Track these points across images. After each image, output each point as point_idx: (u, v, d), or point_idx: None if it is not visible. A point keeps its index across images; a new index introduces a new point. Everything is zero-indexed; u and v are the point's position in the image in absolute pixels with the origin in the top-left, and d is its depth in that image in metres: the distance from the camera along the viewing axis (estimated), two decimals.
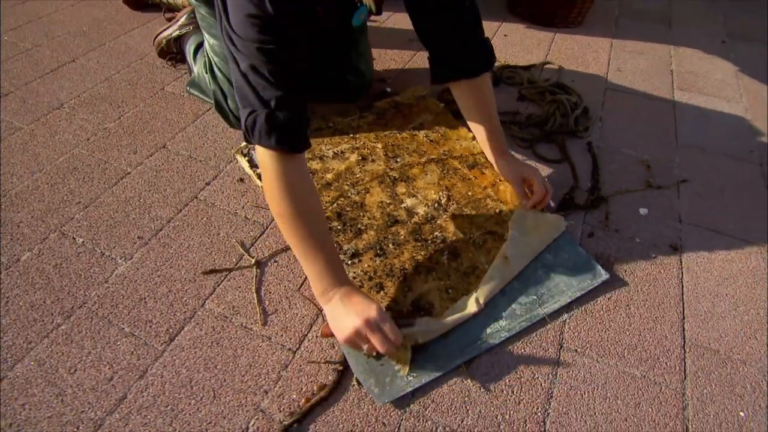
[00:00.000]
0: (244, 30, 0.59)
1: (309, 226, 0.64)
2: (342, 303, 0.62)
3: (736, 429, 0.60)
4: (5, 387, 0.63)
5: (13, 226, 0.85)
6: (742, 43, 1.53)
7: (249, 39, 0.59)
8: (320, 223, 0.67)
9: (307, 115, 0.67)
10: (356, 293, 0.63)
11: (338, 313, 0.62)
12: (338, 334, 0.62)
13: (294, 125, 0.62)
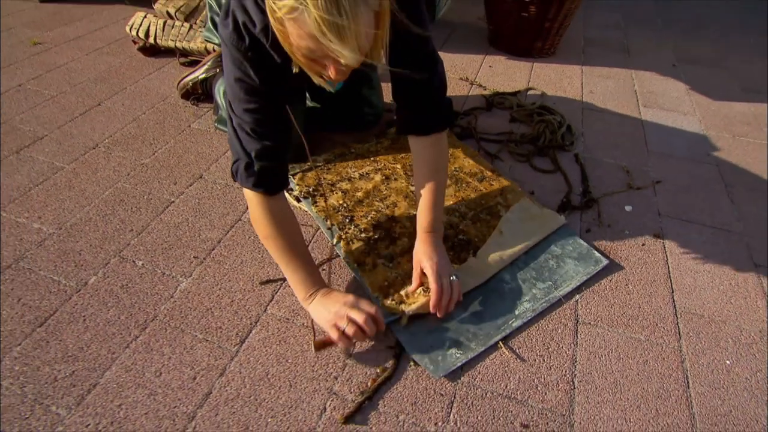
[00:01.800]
0: (234, 91, 0.74)
1: (289, 244, 0.79)
2: (322, 300, 0.76)
3: (725, 374, 0.75)
4: (97, 395, 0.71)
5: (74, 254, 0.94)
6: (689, 66, 1.80)
7: (237, 99, 0.74)
8: (298, 241, 0.81)
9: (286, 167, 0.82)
10: (333, 291, 0.77)
11: (319, 307, 0.75)
12: (321, 321, 0.75)
13: (269, 172, 0.77)
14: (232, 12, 0.72)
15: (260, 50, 0.72)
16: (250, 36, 0.71)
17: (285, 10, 0.53)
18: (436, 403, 0.70)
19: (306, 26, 0.53)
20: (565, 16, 1.63)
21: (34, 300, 0.85)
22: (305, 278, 0.78)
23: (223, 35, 0.74)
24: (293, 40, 0.58)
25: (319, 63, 0.62)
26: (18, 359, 0.76)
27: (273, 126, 0.78)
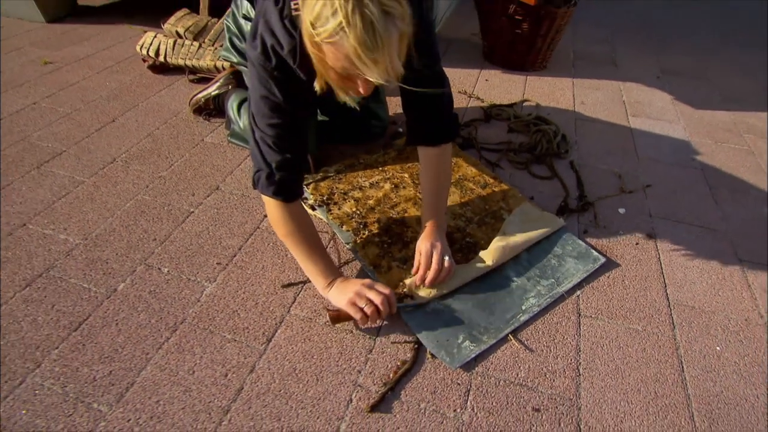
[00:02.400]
0: (258, 107, 0.82)
1: (307, 240, 0.88)
2: (340, 286, 0.84)
3: (716, 359, 0.82)
4: (135, 393, 0.76)
5: (101, 262, 0.99)
6: (672, 78, 1.92)
7: (261, 115, 0.82)
8: (314, 237, 0.90)
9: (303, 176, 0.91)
10: (349, 279, 0.86)
11: (338, 292, 0.84)
12: (341, 303, 0.82)
13: (288, 182, 0.85)
14: (260, 35, 0.79)
15: (285, 70, 0.79)
16: (277, 57, 0.78)
17: (325, 35, 0.60)
18: (453, 391, 0.76)
19: (344, 49, 0.60)
20: (556, 32, 1.74)
21: (67, 306, 0.90)
22: (323, 269, 0.86)
23: (251, 56, 0.81)
24: (329, 61, 0.65)
25: (349, 80, 0.69)
26: (57, 361, 0.80)
27: (293, 140, 0.86)
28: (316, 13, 0.60)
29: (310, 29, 0.62)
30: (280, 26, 0.77)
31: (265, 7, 0.80)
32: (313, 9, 0.60)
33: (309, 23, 0.61)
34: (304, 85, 0.81)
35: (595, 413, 0.74)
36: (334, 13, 0.58)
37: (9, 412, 0.73)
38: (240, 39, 1.13)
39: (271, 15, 0.79)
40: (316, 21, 0.60)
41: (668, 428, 0.72)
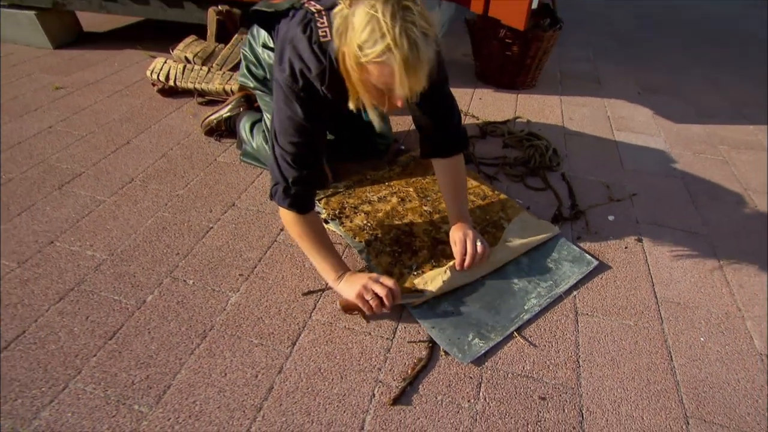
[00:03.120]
0: (283, 126, 0.92)
1: (318, 239, 0.98)
2: (349, 279, 0.95)
3: (700, 348, 0.91)
4: (172, 394, 0.83)
5: (129, 276, 1.06)
6: (652, 94, 2.07)
7: (284, 133, 0.92)
8: (324, 237, 1.00)
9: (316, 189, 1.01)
10: (357, 273, 0.97)
11: (347, 285, 0.94)
12: (350, 295, 0.93)
13: (303, 196, 0.95)
14: (288, 60, 0.89)
15: (310, 91, 0.89)
16: (304, 79, 0.88)
17: (373, 56, 0.71)
18: (466, 384, 0.84)
19: (390, 68, 0.71)
20: (543, 53, 1.88)
21: (101, 317, 0.96)
22: (333, 264, 0.97)
23: (279, 78, 0.91)
24: (372, 80, 0.76)
25: (385, 95, 0.79)
26: (96, 368, 0.87)
27: (311, 157, 0.95)
28: (364, 38, 0.70)
29: (357, 51, 0.72)
30: (308, 52, 0.87)
31: (292, 34, 0.91)
32: (360, 34, 0.70)
33: (356, 46, 0.72)
34: (325, 105, 0.91)
35: (595, 400, 0.82)
36: (382, 36, 0.69)
37: (55, 415, 0.79)
38: (256, 66, 1.23)
39: (299, 42, 0.89)
40: (364, 44, 0.71)
41: (660, 411, 0.81)
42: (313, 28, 0.89)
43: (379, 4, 0.69)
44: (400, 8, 0.69)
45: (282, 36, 0.97)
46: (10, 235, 1.17)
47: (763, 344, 0.93)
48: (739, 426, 0.79)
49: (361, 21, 0.70)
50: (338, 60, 0.80)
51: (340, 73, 0.83)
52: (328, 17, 0.89)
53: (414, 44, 0.69)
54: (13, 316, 0.96)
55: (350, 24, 0.72)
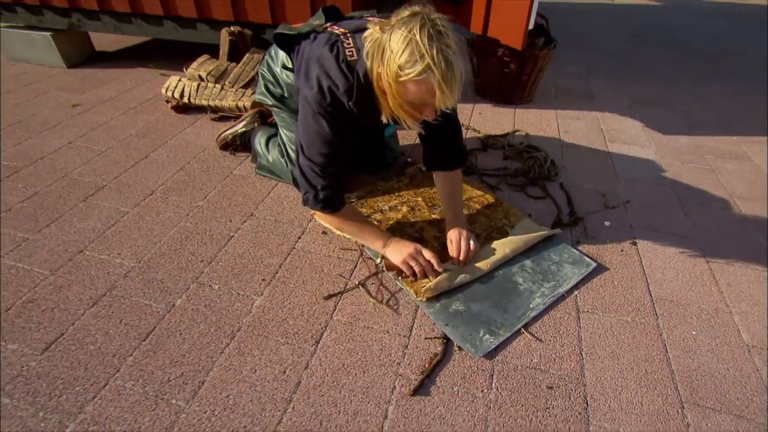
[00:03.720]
0: (311, 139, 1.03)
1: (359, 221, 1.16)
2: (395, 246, 1.12)
3: (693, 341, 1.00)
4: (207, 390, 0.89)
5: (157, 282, 1.13)
6: (642, 107, 2.19)
7: (312, 145, 1.03)
8: (361, 217, 1.19)
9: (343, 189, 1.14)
10: (401, 240, 1.13)
11: (395, 251, 1.11)
12: (397, 260, 1.09)
13: (332, 198, 1.10)
14: (316, 77, 0.99)
15: (337, 106, 0.99)
16: (331, 95, 0.98)
17: (414, 74, 0.81)
18: (479, 376, 0.92)
19: (429, 85, 0.81)
20: (539, 70, 2.01)
21: (133, 320, 1.03)
22: (377, 236, 1.15)
23: (307, 95, 1.01)
24: (410, 95, 0.86)
25: (420, 109, 0.89)
26: (133, 366, 0.93)
27: (336, 165, 1.06)
28: (404, 60, 0.80)
29: (397, 71, 0.82)
30: (336, 70, 0.97)
31: (318, 53, 1.01)
32: (400, 56, 0.81)
33: (396, 66, 0.82)
34: (350, 119, 1.01)
35: (598, 388, 0.90)
36: (421, 57, 0.79)
37: (99, 410, 0.85)
38: (274, 85, 1.32)
39: (326, 60, 0.99)
40: (405, 65, 0.81)
41: (658, 397, 0.89)
42: (340, 48, 0.99)
43: (416, 28, 0.80)
44: (435, 32, 0.80)
45: (307, 55, 1.08)
46: (41, 245, 1.24)
47: (750, 337, 1.02)
48: (729, 409, 0.87)
49: (400, 44, 0.80)
50: (371, 78, 0.90)
51: (367, 88, 0.93)
52: (354, 39, 1.00)
53: (450, 64, 0.80)
54: (51, 320, 1.03)
55: (386, 47, 0.82)
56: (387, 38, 0.82)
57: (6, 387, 0.89)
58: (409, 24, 0.80)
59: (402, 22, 0.81)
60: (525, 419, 0.85)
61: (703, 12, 4.55)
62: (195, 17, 2.04)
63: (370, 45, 0.87)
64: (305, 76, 1.02)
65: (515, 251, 1.19)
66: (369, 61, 0.88)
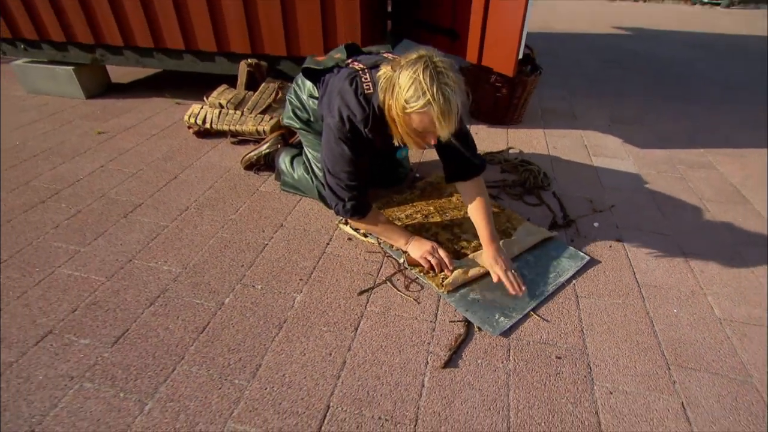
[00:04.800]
0: (335, 160, 1.23)
1: (382, 225, 1.36)
2: (416, 243, 1.32)
3: (674, 317, 1.19)
4: (264, 371, 1.04)
5: (205, 284, 1.28)
6: (620, 125, 2.47)
7: (337, 164, 1.23)
8: (386, 220, 1.38)
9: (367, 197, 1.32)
10: (422, 239, 1.32)
11: (415, 248, 1.31)
12: (417, 255, 1.29)
13: (359, 206, 1.30)
14: (338, 108, 1.19)
15: (356, 132, 1.19)
16: (350, 124, 1.18)
17: (417, 107, 1.00)
18: (498, 350, 1.09)
19: (429, 117, 1.01)
20: (528, 94, 2.26)
21: (189, 317, 1.17)
22: (402, 234, 1.35)
23: (330, 123, 1.21)
24: (414, 124, 1.06)
25: (424, 136, 1.09)
26: (195, 354, 1.07)
27: (359, 179, 1.25)
28: (409, 95, 1.00)
29: (404, 104, 1.02)
30: (354, 101, 1.17)
31: (340, 86, 1.21)
32: (406, 92, 1.01)
33: (403, 100, 1.02)
34: (366, 143, 1.21)
35: (599, 357, 1.08)
36: (423, 93, 0.99)
37: (172, 390, 0.99)
38: (301, 110, 1.52)
39: (346, 93, 1.19)
40: (410, 99, 1.01)
41: (648, 361, 1.07)
42: (359, 82, 1.19)
43: (420, 69, 1.00)
44: (436, 73, 1.00)
45: (330, 87, 1.28)
46: (93, 256, 1.38)
47: (721, 311, 1.21)
48: (706, 368, 1.05)
49: (406, 82, 1.01)
50: (383, 109, 1.10)
51: (381, 118, 1.14)
52: (371, 74, 1.21)
53: (447, 99, 0.99)
54: (115, 318, 1.16)
55: (396, 83, 1.03)
56: (397, 76, 1.03)
57: (86, 374, 1.02)
58: (415, 65, 1.00)
59: (409, 63, 1.02)
60: (540, 383, 1.02)
61: (667, 41, 5.01)
62: (214, 51, 2.26)
63: (383, 81, 1.08)
64: (328, 106, 1.23)
65: (521, 249, 1.38)
66: (382, 94, 1.09)
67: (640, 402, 0.98)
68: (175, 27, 2.20)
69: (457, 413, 0.95)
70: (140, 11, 2.20)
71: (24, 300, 1.22)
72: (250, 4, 2.06)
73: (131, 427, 0.92)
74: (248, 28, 2.13)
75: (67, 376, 1.01)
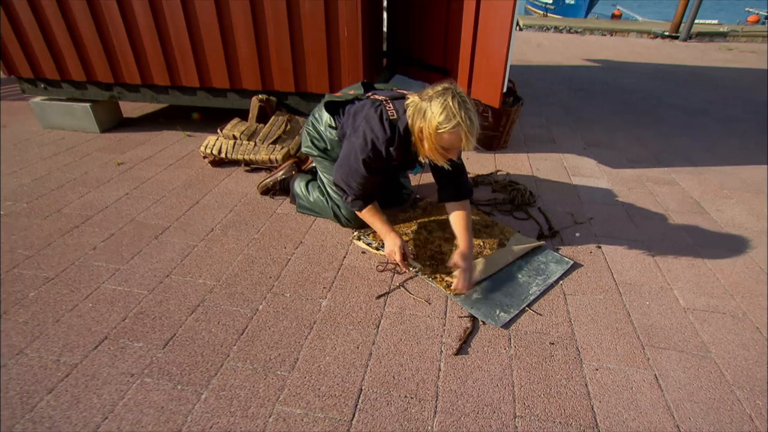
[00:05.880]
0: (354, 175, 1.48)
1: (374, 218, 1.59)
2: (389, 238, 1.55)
3: (647, 307, 1.41)
4: (302, 363, 1.21)
5: (238, 294, 1.45)
6: (594, 149, 2.77)
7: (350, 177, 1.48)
8: (381, 215, 1.60)
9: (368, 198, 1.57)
10: (396, 238, 1.54)
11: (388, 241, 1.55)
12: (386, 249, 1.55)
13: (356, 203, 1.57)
14: (363, 131, 1.43)
15: (376, 153, 1.41)
16: (372, 145, 1.41)
17: (449, 128, 1.24)
18: (501, 339, 1.28)
19: (458, 135, 1.25)
20: (512, 122, 2.55)
21: (228, 321, 1.34)
22: (386, 230, 1.58)
23: (355, 142, 1.45)
24: (444, 142, 1.29)
25: (449, 152, 1.33)
26: (239, 352, 1.24)
27: (368, 190, 1.51)
28: (442, 118, 1.24)
29: (437, 126, 1.26)
30: (379, 126, 1.41)
31: (366, 113, 1.47)
32: (439, 116, 1.25)
33: (437, 123, 1.25)
34: (384, 161, 1.44)
35: (585, 341, 1.28)
36: (453, 116, 1.23)
37: (223, 381, 1.15)
38: (318, 140, 1.75)
39: (371, 119, 1.43)
40: (443, 122, 1.25)
41: (626, 344, 1.28)
42: (383, 110, 1.44)
43: (449, 98, 1.26)
44: (461, 100, 1.26)
45: (354, 112, 1.54)
46: (132, 272, 1.54)
47: (685, 302, 1.45)
48: (674, 347, 1.27)
49: (438, 108, 1.26)
50: (410, 131, 1.36)
51: (405, 138, 1.37)
52: (394, 104, 1.45)
53: (471, 121, 1.25)
54: (162, 325, 1.32)
55: (428, 109, 1.27)
56: (428, 104, 1.28)
57: (144, 371, 1.17)
58: (444, 95, 1.26)
59: (438, 93, 1.27)
60: (537, 364, 1.21)
61: (633, 71, 5.50)
62: (227, 88, 2.50)
63: (412, 108, 1.33)
64: (353, 127, 1.47)
65: (515, 256, 1.60)
66: (411, 119, 1.33)
67: (621, 375, 1.18)
68: (191, 67, 2.44)
69: (471, 390, 1.13)
70: (159, 52, 2.44)
71: (77, 312, 1.37)
72: (262, 46, 2.33)
73: (192, 411, 1.07)
74: (260, 68, 2.39)
75: (128, 374, 1.17)
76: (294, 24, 2.22)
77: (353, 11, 2.13)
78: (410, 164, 1.69)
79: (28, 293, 1.44)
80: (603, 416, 1.07)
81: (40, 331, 1.29)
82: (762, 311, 1.42)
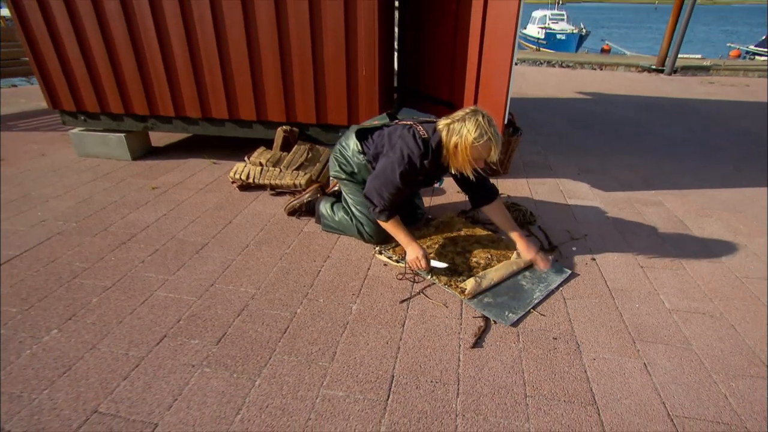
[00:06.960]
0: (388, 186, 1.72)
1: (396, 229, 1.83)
2: (411, 247, 1.80)
3: (637, 308, 1.63)
4: (340, 355, 1.41)
5: (277, 300, 1.66)
6: (587, 174, 3.05)
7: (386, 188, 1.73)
8: (403, 227, 1.84)
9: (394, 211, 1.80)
10: (418, 247, 1.79)
11: (409, 250, 1.80)
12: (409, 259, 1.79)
13: (382, 214, 1.80)
14: (400, 148, 1.70)
15: (411, 165, 1.67)
16: (408, 158, 1.67)
17: (482, 142, 1.54)
18: (511, 335, 1.49)
19: (488, 147, 1.55)
20: (512, 151, 2.83)
21: (272, 322, 1.54)
22: (408, 240, 1.82)
23: (392, 157, 1.72)
24: (476, 154, 1.57)
25: (478, 161, 1.59)
26: (283, 347, 1.43)
27: (398, 202, 1.75)
28: (476, 134, 1.54)
29: (472, 141, 1.54)
30: (413, 143, 1.68)
31: (400, 133, 1.75)
32: (474, 132, 1.54)
33: (472, 138, 1.54)
34: (415, 174, 1.69)
35: (585, 336, 1.49)
36: (485, 133, 1.53)
37: (273, 371, 1.34)
38: (346, 165, 2.00)
39: (406, 137, 1.72)
40: (477, 137, 1.54)
41: (620, 339, 1.49)
42: (415, 131, 1.71)
43: (480, 118, 1.56)
44: (489, 120, 1.57)
45: (387, 134, 1.82)
46: (180, 282, 1.75)
47: (670, 305, 1.66)
48: (662, 341, 1.48)
49: (473, 126, 1.56)
50: (443, 147, 1.64)
51: (437, 152, 1.65)
52: (423, 126, 1.72)
53: (498, 136, 1.56)
54: (213, 325, 1.52)
55: (463, 127, 1.56)
56: (461, 124, 1.58)
57: (203, 363, 1.36)
58: (476, 115, 1.57)
59: (470, 114, 1.59)
60: (543, 355, 1.41)
61: (621, 103, 5.90)
62: (254, 120, 2.78)
63: (444, 128, 1.63)
64: (389, 145, 1.76)
65: (519, 267, 1.82)
66: (445, 137, 1.62)
67: (615, 363, 1.39)
68: (222, 101, 2.73)
69: (487, 375, 1.33)
70: (193, 87, 2.73)
71: (136, 315, 1.56)
72: (287, 82, 2.62)
73: (249, 394, 1.26)
74: (285, 102, 2.68)
75: (189, 365, 1.36)
76: (317, 64, 2.53)
77: (371, 54, 2.44)
78: (437, 176, 1.96)
79: (91, 299, 1.64)
80: (600, 395, 1.27)
81: (107, 330, 1.49)
82: (736, 311, 1.64)
